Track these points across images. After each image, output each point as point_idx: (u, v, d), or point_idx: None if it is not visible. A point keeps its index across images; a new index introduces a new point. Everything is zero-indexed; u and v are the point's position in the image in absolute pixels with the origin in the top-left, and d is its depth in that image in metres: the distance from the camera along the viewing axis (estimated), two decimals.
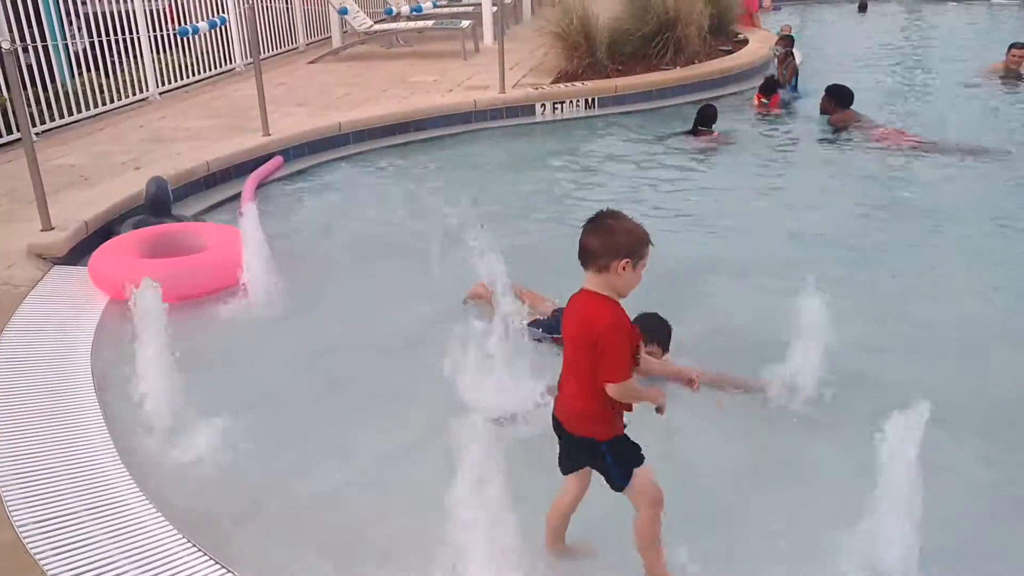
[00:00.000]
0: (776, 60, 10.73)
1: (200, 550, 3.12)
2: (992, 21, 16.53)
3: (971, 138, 8.48)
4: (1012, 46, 11.32)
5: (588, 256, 2.75)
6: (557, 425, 2.94)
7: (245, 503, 3.53)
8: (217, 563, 3.06)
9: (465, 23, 12.98)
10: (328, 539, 3.31)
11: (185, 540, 3.17)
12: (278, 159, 8.17)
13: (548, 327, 4.87)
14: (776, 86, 10.23)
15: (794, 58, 10.76)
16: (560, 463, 3.02)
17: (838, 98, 9.30)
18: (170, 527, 3.23)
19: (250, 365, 4.67)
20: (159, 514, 3.31)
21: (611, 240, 2.72)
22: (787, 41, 10.87)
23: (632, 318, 4.33)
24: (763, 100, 10.09)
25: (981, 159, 7.95)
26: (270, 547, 3.28)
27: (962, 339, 4.68)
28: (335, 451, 3.85)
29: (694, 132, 8.68)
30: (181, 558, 3.09)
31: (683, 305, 5.05)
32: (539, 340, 4.85)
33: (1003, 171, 7.67)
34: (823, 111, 9.45)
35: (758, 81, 11.08)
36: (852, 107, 9.23)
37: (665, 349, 4.33)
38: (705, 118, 8.71)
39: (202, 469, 3.71)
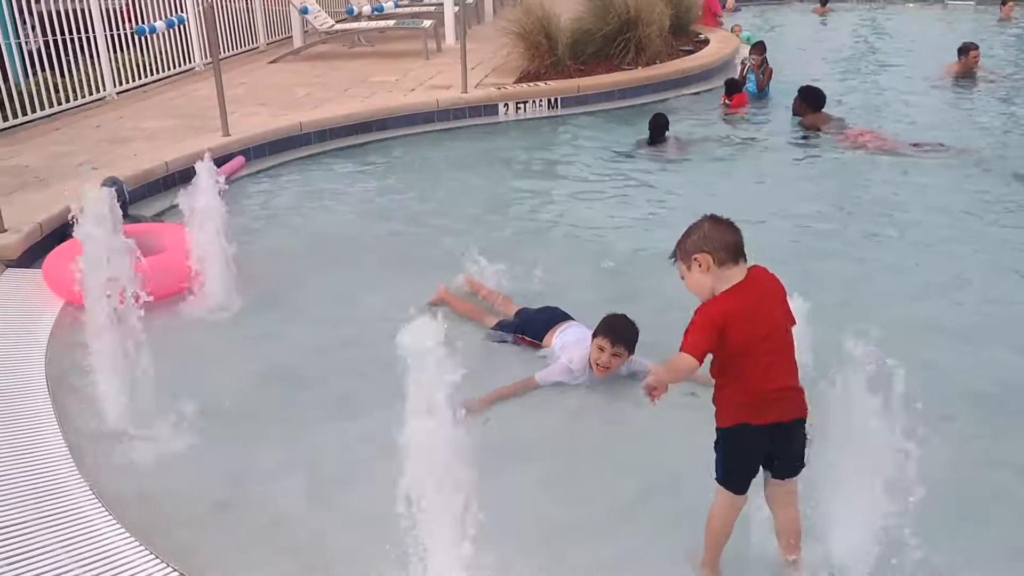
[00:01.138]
0: (750, 68, 10.77)
1: (157, 557, 3.08)
2: (948, 21, 16.82)
3: (937, 138, 8.60)
4: (968, 47, 11.50)
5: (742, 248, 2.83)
6: (786, 427, 2.81)
7: (204, 508, 3.49)
8: (174, 570, 3.02)
9: (427, 23, 12.94)
10: (286, 544, 3.28)
11: (141, 547, 3.12)
12: (240, 159, 8.09)
13: (511, 328, 4.87)
14: (738, 86, 10.31)
15: (768, 64, 10.85)
16: (778, 472, 2.90)
17: (809, 100, 9.35)
18: (126, 533, 3.19)
19: (209, 368, 4.62)
20: (114, 520, 3.26)
21: None
22: (760, 48, 10.95)
23: (601, 319, 4.39)
24: (726, 101, 10.17)
25: (950, 159, 8.07)
26: (228, 553, 3.24)
27: (925, 334, 4.76)
28: (294, 455, 3.82)
29: (650, 142, 8.67)
30: (137, 564, 3.04)
31: (644, 303, 5.07)
32: (503, 342, 4.86)
33: (970, 171, 7.79)
34: (795, 112, 9.51)
35: (719, 81, 11.20)
36: (824, 109, 9.30)
37: (631, 351, 4.35)
38: (658, 128, 8.69)
39: (159, 474, 3.67)
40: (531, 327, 4.79)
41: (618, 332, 4.31)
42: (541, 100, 10.15)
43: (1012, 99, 10.55)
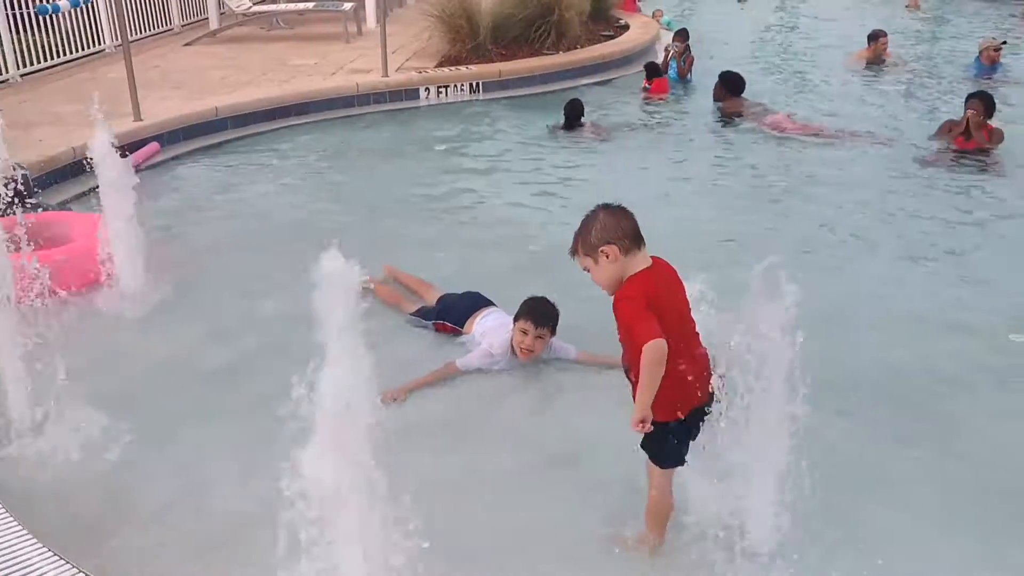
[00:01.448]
0: (673, 55, 10.86)
1: (65, 560, 2.98)
2: (862, 8, 17.27)
3: (849, 122, 8.85)
4: (878, 34, 11.83)
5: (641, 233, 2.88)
6: (699, 411, 2.90)
7: (113, 509, 3.41)
8: (76, 568, 2.93)
9: (347, 5, 12.74)
10: (200, 543, 3.24)
11: (47, 551, 3.02)
12: (154, 145, 7.86)
13: (432, 315, 4.86)
14: (658, 70, 10.37)
15: (690, 52, 10.96)
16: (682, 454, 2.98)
17: (729, 85, 9.48)
18: (31, 537, 3.07)
19: (120, 362, 4.50)
20: (18, 525, 3.14)
21: None
22: (684, 35, 11.06)
23: (522, 302, 4.41)
24: (647, 86, 10.25)
25: (865, 144, 8.30)
26: (138, 554, 3.18)
27: (833, 317, 4.91)
28: (209, 452, 3.75)
29: (567, 128, 8.70)
30: (36, 563, 2.94)
31: (564, 287, 5.11)
32: (423, 328, 4.85)
33: (878, 153, 8.04)
34: (716, 98, 9.61)
35: (639, 67, 11.30)
36: (744, 94, 9.45)
37: (553, 333, 4.38)
38: (574, 113, 8.69)
39: (68, 474, 3.57)
40: (452, 313, 4.78)
41: (540, 314, 4.34)
42: (463, 84, 10.11)
43: (916, 84, 10.90)
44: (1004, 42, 11.24)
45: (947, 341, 4.72)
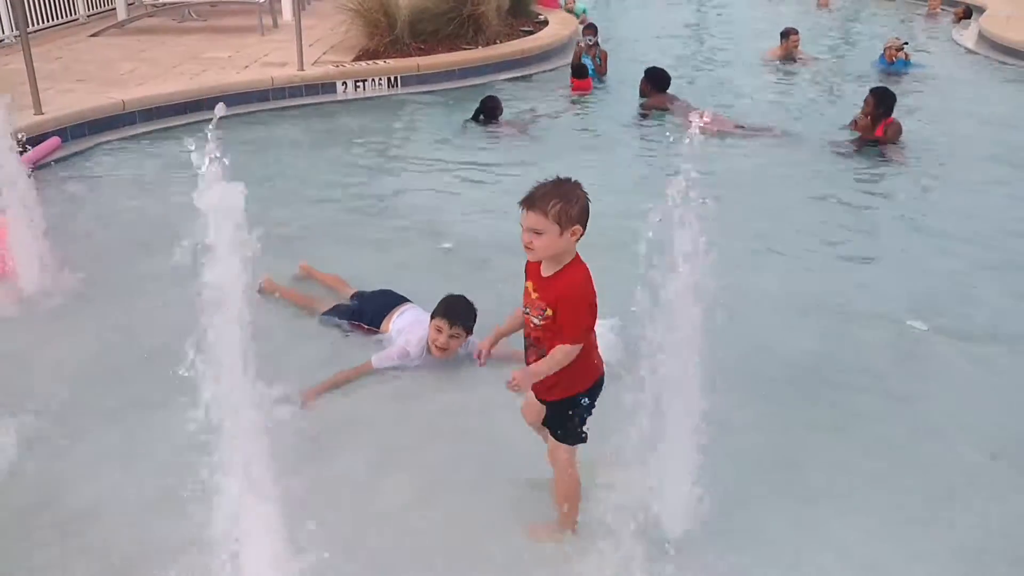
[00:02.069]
0: (585, 51, 10.87)
1: None
2: (773, 7, 17.68)
3: (762, 118, 9.05)
4: (789, 31, 12.12)
5: None
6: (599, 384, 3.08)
7: (13, 515, 3.29)
8: None
9: None
10: (103, 552, 3.13)
11: None
12: (54, 140, 7.56)
13: (347, 315, 4.77)
14: (584, 70, 10.27)
15: (600, 47, 10.98)
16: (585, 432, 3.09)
17: (654, 81, 9.55)
18: None
19: (19, 364, 4.33)
20: None
21: None
22: (593, 29, 11.08)
23: (440, 300, 4.36)
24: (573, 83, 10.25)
25: (776, 138, 8.51)
26: (40, 562, 3.07)
27: (740, 307, 5.00)
28: (112, 457, 3.63)
29: (483, 123, 8.68)
30: None
31: (481, 284, 5.10)
32: (337, 326, 4.76)
33: (793, 148, 8.25)
34: (641, 94, 9.67)
35: (559, 62, 11.37)
36: (669, 90, 9.53)
37: (469, 332, 4.35)
38: (488, 110, 8.67)
39: None
40: (367, 314, 4.71)
41: (456, 313, 4.31)
42: (380, 79, 10.00)
43: (825, 80, 11.20)
44: (906, 42, 11.65)
45: (850, 328, 4.86)
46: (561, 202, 2.82)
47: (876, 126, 8.10)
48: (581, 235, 2.89)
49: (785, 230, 6.29)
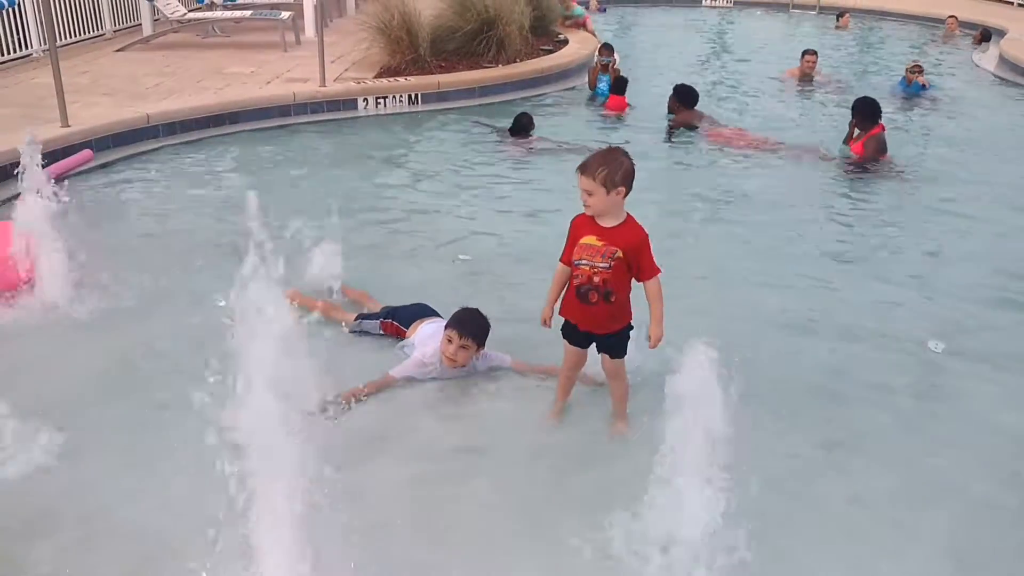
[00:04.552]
0: (601, 69, 10.91)
1: None
2: (792, 27, 17.74)
3: (781, 135, 9.08)
4: (805, 52, 12.19)
5: None
6: None
7: (37, 518, 3.32)
8: None
9: (285, 14, 12.65)
10: (130, 556, 3.16)
11: None
12: (87, 152, 7.67)
13: (376, 316, 4.86)
14: (623, 85, 10.27)
15: (615, 65, 11.03)
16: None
17: (683, 97, 9.62)
18: None
19: (44, 371, 4.38)
20: None
21: None
22: (609, 49, 11.15)
23: (453, 312, 4.42)
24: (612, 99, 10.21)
25: (797, 155, 8.54)
26: (63, 565, 3.10)
27: (761, 325, 5.04)
28: (135, 462, 3.66)
29: (512, 137, 8.76)
30: None
31: (502, 299, 5.14)
32: (365, 333, 4.81)
33: (814, 167, 8.28)
34: (670, 110, 9.74)
35: (578, 81, 11.45)
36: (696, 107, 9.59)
37: (479, 344, 4.38)
38: (520, 127, 8.78)
39: None
40: (398, 316, 4.80)
41: (465, 324, 4.35)
42: (401, 96, 10.10)
43: (842, 100, 11.21)
44: (918, 63, 11.68)
45: (866, 348, 4.86)
46: (607, 168, 3.49)
47: (858, 141, 8.25)
48: (626, 194, 3.56)
49: (801, 247, 6.33)
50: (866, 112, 8.29)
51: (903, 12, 18.80)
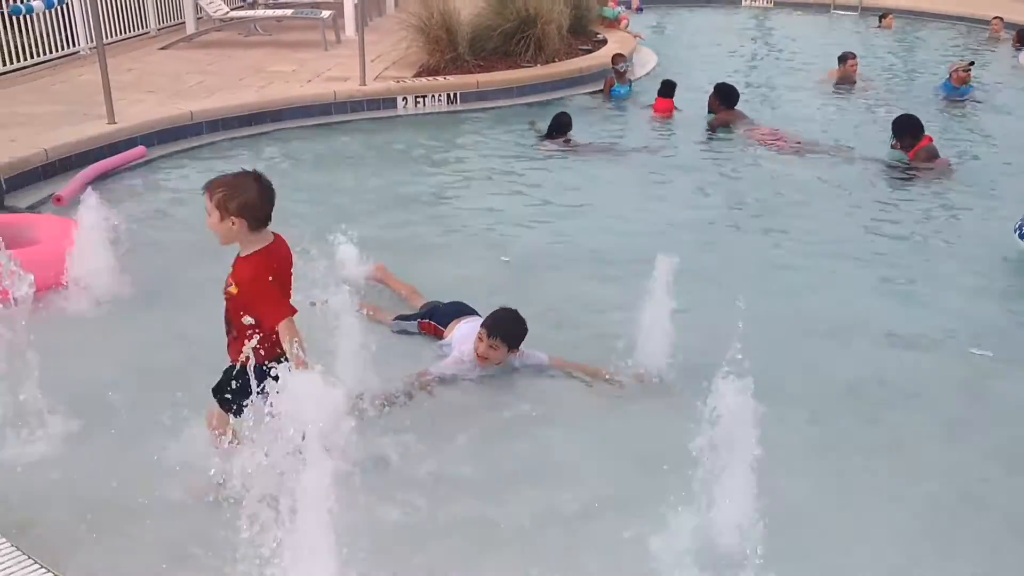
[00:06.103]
0: (617, 77, 10.92)
1: (32, 560, 2.97)
2: (833, 28, 17.53)
3: (821, 137, 9.01)
4: (847, 56, 12.05)
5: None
6: None
7: (79, 510, 3.38)
8: (45, 568, 2.92)
9: (326, 13, 12.75)
10: (167, 548, 3.22)
11: (14, 548, 3.00)
12: (141, 149, 7.82)
13: (416, 316, 4.93)
14: (672, 88, 10.10)
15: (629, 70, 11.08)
16: None
17: (724, 97, 9.60)
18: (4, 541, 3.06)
19: (86, 365, 4.47)
20: None
21: None
22: (622, 57, 11.13)
23: (491, 312, 4.45)
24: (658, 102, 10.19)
25: (839, 157, 8.49)
26: (105, 556, 3.17)
27: (803, 329, 5.01)
28: (175, 457, 3.71)
29: (550, 138, 8.79)
30: (10, 569, 2.92)
31: (541, 298, 5.16)
32: (403, 332, 4.87)
33: (864, 169, 8.20)
34: (710, 109, 9.73)
35: None
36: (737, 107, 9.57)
37: (509, 345, 4.41)
38: (560, 126, 8.79)
39: (33, 475, 3.54)
40: (437, 315, 4.85)
41: (496, 325, 4.40)
42: (440, 95, 10.15)
43: (883, 103, 11.08)
44: (972, 63, 11.47)
45: (910, 353, 4.82)
46: (225, 192, 3.15)
47: (908, 151, 8.18)
48: (249, 228, 3.16)
49: (841, 248, 6.29)
50: (906, 130, 8.21)
51: (945, 13, 18.51)
